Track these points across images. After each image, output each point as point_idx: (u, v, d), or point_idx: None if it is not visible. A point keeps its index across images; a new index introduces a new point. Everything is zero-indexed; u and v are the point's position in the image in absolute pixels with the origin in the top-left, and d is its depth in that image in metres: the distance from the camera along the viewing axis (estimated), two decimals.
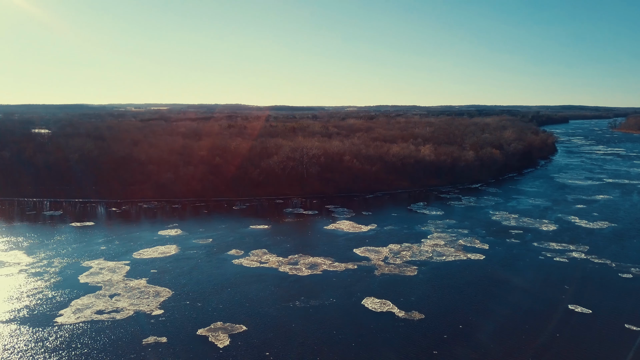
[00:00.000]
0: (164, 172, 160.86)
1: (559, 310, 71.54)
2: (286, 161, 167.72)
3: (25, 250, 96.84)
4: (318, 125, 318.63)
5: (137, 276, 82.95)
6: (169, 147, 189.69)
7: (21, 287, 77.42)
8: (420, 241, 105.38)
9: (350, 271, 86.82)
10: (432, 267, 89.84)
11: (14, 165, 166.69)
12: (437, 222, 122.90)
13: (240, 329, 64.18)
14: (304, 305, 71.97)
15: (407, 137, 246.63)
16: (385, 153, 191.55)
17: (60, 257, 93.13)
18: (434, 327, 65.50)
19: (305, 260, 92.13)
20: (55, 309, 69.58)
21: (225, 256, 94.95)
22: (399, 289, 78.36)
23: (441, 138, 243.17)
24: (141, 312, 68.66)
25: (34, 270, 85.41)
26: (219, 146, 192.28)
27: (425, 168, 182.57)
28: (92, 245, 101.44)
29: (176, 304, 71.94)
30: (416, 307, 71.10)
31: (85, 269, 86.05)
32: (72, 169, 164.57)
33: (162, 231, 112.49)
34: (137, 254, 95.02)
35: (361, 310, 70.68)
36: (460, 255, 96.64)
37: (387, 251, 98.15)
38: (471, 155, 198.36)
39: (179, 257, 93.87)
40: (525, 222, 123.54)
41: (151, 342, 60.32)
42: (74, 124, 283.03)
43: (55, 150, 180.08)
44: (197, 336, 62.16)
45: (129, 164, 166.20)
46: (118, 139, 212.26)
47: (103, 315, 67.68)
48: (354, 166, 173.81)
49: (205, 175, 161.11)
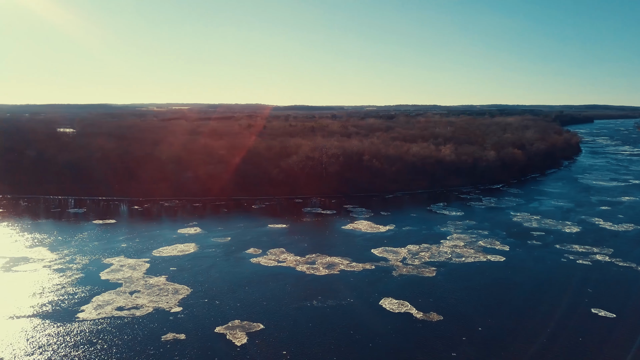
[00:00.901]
0: (184, 171, 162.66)
1: (581, 314, 70.07)
2: (305, 160, 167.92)
3: (49, 247, 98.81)
4: (337, 124, 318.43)
5: (156, 274, 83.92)
6: (190, 147, 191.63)
7: (45, 283, 79.01)
8: (439, 242, 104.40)
9: (368, 271, 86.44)
10: (451, 268, 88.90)
11: (38, 164, 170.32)
12: (457, 222, 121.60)
13: (258, 327, 64.41)
14: (321, 304, 71.90)
15: (427, 136, 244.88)
16: (404, 153, 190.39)
17: (82, 254, 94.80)
18: (452, 329, 64.76)
19: (323, 259, 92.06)
20: (77, 304, 70.81)
21: (243, 255, 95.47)
22: (417, 290, 77.71)
23: (462, 138, 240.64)
24: (160, 309, 69.42)
25: (57, 267, 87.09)
26: (239, 145, 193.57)
27: (445, 168, 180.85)
28: (114, 242, 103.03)
29: (194, 301, 72.56)
30: (434, 309, 70.41)
31: (106, 266, 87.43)
32: (95, 168, 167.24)
33: (181, 229, 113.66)
34: (156, 252, 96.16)
35: (379, 311, 70.29)
36: (480, 256, 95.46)
37: (406, 252, 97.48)
38: (492, 155, 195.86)
39: (197, 256, 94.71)
40: (548, 224, 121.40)
41: (170, 338, 60.92)
42: (96, 124, 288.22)
43: (79, 149, 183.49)
44: (215, 334, 62.58)
45: (150, 163, 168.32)
46: (139, 138, 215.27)
47: (123, 311, 68.62)
48: (373, 166, 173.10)
49: (225, 174, 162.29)
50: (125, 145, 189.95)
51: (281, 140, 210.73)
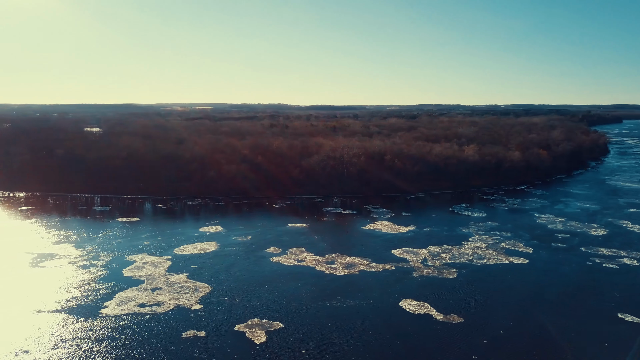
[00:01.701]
0: (207, 170, 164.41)
1: (607, 318, 68.46)
2: (326, 160, 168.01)
3: (75, 244, 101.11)
4: (359, 124, 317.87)
5: (178, 271, 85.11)
6: (213, 146, 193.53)
7: (70, 279, 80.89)
8: (461, 243, 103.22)
9: (388, 272, 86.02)
10: (472, 270, 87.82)
11: (67, 163, 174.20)
12: (479, 224, 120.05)
13: (277, 326, 64.72)
14: (340, 304, 71.85)
15: (450, 136, 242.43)
16: (427, 153, 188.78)
17: (106, 251, 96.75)
18: (473, 331, 63.98)
19: (342, 260, 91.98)
20: (100, 300, 72.31)
21: (263, 254, 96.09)
22: (438, 292, 77.02)
23: (485, 138, 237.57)
24: (181, 307, 70.36)
25: (82, 263, 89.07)
26: (261, 145, 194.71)
27: (468, 168, 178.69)
28: (137, 240, 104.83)
29: (215, 299, 73.32)
30: (455, 311, 69.67)
31: (129, 263, 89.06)
32: (121, 166, 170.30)
33: (203, 228, 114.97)
34: (178, 250, 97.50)
35: (398, 312, 69.92)
36: (502, 258, 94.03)
37: (426, 253, 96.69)
38: (517, 156, 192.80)
39: (218, 254, 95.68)
40: (573, 226, 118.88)
41: (190, 335, 61.69)
42: (123, 123, 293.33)
43: (105, 148, 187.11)
44: (234, 332, 63.11)
45: (174, 162, 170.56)
46: (164, 137, 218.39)
47: (145, 308, 69.78)
48: (394, 166, 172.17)
49: (248, 173, 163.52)
50: (150, 145, 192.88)
51: (302, 140, 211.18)
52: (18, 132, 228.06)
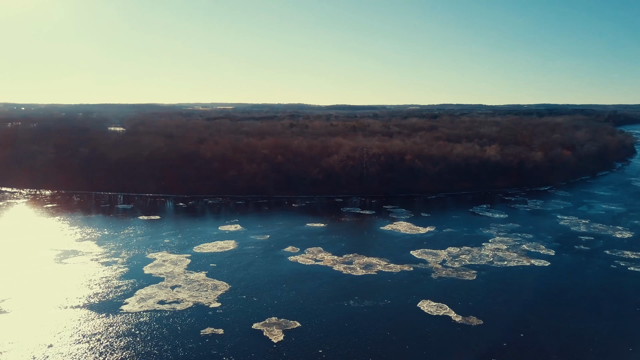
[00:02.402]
0: (228, 169, 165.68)
1: (632, 323, 66.89)
2: (346, 160, 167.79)
3: (97, 241, 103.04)
4: (379, 124, 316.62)
5: (197, 269, 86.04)
6: (234, 145, 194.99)
7: (92, 276, 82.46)
8: (481, 245, 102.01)
9: (406, 273, 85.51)
10: (492, 272, 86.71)
11: (91, 161, 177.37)
12: (500, 225, 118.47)
13: (294, 325, 64.92)
14: (358, 305, 71.70)
15: (471, 136, 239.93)
16: (448, 153, 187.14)
17: (128, 248, 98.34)
18: (492, 333, 63.19)
19: (360, 260, 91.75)
20: (121, 297, 73.55)
21: (281, 253, 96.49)
22: (457, 293, 76.26)
23: (508, 138, 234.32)
24: (200, 304, 71.10)
25: (103, 260, 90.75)
26: (281, 145, 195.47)
27: (490, 169, 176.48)
28: (157, 238, 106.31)
29: (233, 297, 73.90)
30: (474, 313, 68.90)
31: (149, 261, 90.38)
32: (143, 165, 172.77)
33: (222, 226, 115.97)
34: (197, 248, 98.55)
35: (416, 313, 69.47)
36: (523, 260, 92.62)
37: (446, 254, 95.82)
38: (540, 156, 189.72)
39: (237, 252, 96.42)
40: (597, 229, 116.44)
41: (209, 333, 62.31)
42: (145, 123, 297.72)
43: (128, 148, 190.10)
44: (252, 330, 63.52)
45: (195, 161, 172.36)
46: (186, 137, 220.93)
47: (164, 305, 70.71)
48: (415, 166, 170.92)
49: (268, 173, 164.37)
50: (172, 144, 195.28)
51: (322, 139, 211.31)
52: (44, 132, 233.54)
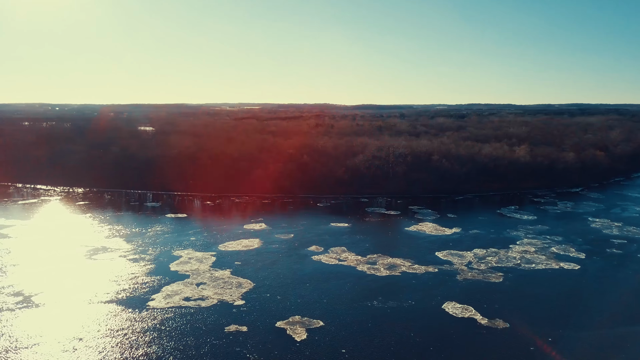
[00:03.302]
0: (254, 168, 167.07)
1: None
2: (372, 160, 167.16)
3: (126, 238, 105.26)
4: (405, 123, 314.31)
5: (222, 267, 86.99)
6: (260, 145, 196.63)
7: (120, 272, 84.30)
8: (508, 247, 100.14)
9: (431, 274, 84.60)
10: (519, 274, 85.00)
11: (121, 160, 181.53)
12: (528, 227, 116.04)
13: (317, 324, 64.97)
14: (382, 305, 71.30)
15: (500, 136, 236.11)
16: (476, 153, 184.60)
17: (155, 245, 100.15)
18: (519, 337, 61.97)
19: (384, 260, 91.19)
20: (148, 293, 74.94)
21: (305, 252, 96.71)
22: (483, 296, 75.03)
23: (538, 138, 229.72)
24: (224, 302, 71.87)
25: (131, 257, 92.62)
26: (307, 145, 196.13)
27: (519, 170, 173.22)
28: (184, 235, 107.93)
29: (257, 295, 74.46)
30: (500, 315, 67.68)
31: (175, 258, 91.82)
32: (172, 164, 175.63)
33: (247, 225, 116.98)
34: (222, 246, 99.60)
35: (441, 315, 68.66)
36: (552, 263, 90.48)
37: (472, 256, 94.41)
38: (571, 157, 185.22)
39: (261, 251, 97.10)
40: (630, 232, 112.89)
41: (233, 330, 62.92)
42: (173, 122, 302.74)
43: (157, 147, 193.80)
44: (275, 328, 63.84)
45: (222, 160, 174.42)
46: (213, 136, 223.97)
47: (190, 302, 71.73)
48: (442, 166, 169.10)
49: (293, 172, 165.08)
50: (200, 143, 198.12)
51: (348, 139, 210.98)
52: (77, 131, 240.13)
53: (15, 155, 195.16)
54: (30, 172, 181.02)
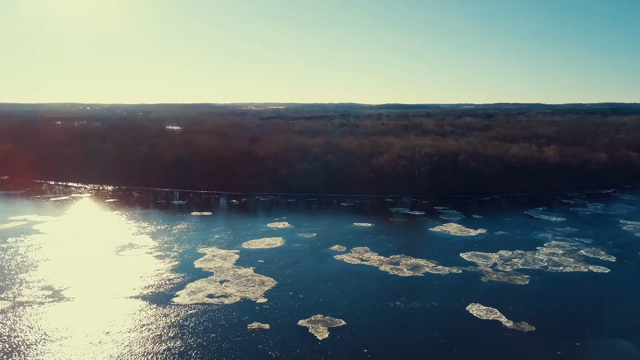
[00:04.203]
0: (280, 167, 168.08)
1: None
2: (397, 160, 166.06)
3: (152, 235, 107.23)
4: (431, 123, 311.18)
5: (245, 265, 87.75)
6: (285, 144, 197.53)
7: (146, 268, 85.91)
8: (535, 249, 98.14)
9: (455, 275, 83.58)
10: (546, 277, 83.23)
11: (149, 159, 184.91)
12: (557, 229, 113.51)
13: (340, 323, 64.91)
14: (404, 306, 70.79)
15: (528, 136, 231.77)
16: (504, 153, 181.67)
17: (180, 243, 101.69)
18: (545, 341, 60.66)
19: (407, 261, 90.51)
20: (173, 290, 76.15)
21: (328, 251, 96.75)
22: (508, 298, 73.72)
23: (568, 138, 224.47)
24: (247, 299, 72.48)
25: (157, 254, 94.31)
26: (331, 144, 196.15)
27: (548, 170, 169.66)
28: (208, 233, 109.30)
29: (279, 293, 74.83)
30: (526, 318, 66.36)
31: (200, 255, 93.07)
32: (198, 163, 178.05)
33: (271, 224, 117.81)
34: (246, 244, 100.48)
35: (465, 316, 67.76)
36: (581, 266, 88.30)
37: (497, 257, 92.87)
38: (603, 158, 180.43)
39: (284, 250, 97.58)
40: None
41: (255, 327, 63.38)
42: (200, 122, 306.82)
43: (184, 146, 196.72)
44: (297, 326, 64.05)
45: (248, 160, 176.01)
46: (239, 136, 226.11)
47: (213, 299, 72.59)
48: (469, 166, 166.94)
49: (318, 171, 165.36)
50: (226, 143, 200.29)
51: (373, 139, 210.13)
52: (107, 130, 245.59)
53: (48, 153, 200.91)
54: (62, 170, 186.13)
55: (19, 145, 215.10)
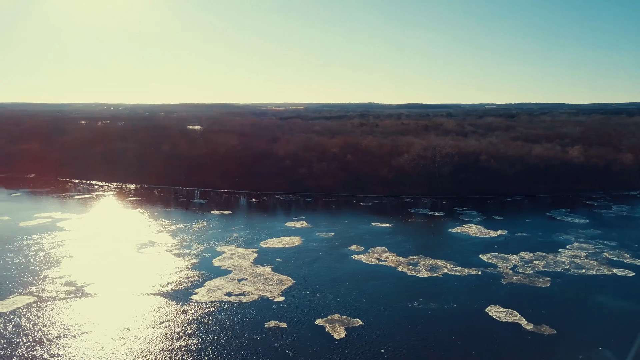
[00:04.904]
0: (299, 167, 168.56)
1: None
2: (417, 160, 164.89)
3: (172, 233, 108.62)
4: (452, 123, 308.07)
5: (263, 263, 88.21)
6: (304, 144, 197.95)
7: (166, 266, 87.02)
8: (557, 251, 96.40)
9: (474, 277, 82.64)
10: (568, 280, 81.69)
11: (171, 158, 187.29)
12: (580, 231, 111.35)
13: (357, 323, 64.78)
14: (422, 307, 70.28)
15: (552, 137, 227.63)
16: (526, 153, 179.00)
17: (199, 241, 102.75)
18: (567, 344, 59.58)
19: (426, 262, 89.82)
20: (191, 287, 77.00)
21: (345, 251, 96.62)
22: (528, 300, 72.58)
23: (593, 139, 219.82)
24: (265, 298, 72.85)
25: (176, 251, 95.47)
26: (351, 144, 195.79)
27: (572, 171, 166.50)
28: (227, 232, 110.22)
29: (297, 292, 75.03)
30: (547, 321, 65.22)
31: (218, 254, 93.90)
32: (219, 162, 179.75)
33: (289, 223, 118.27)
34: (264, 243, 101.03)
35: (484, 318, 66.94)
36: (604, 269, 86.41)
37: (517, 259, 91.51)
38: (629, 158, 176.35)
39: (301, 249, 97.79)
40: None
41: (272, 326, 63.67)
42: (221, 122, 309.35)
43: (205, 145, 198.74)
44: (315, 325, 64.10)
45: (268, 159, 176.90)
46: (259, 135, 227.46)
47: (231, 297, 73.16)
48: (490, 167, 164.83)
49: (337, 171, 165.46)
50: (246, 142, 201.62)
51: (393, 138, 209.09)
52: (130, 130, 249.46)
53: (73, 152, 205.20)
54: (86, 168, 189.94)
55: (45, 144, 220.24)
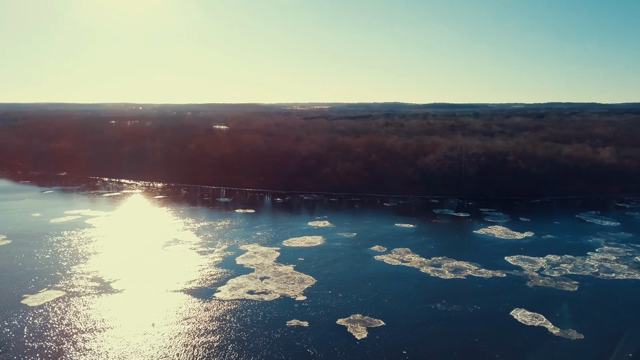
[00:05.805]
0: (323, 166, 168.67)
1: None
2: (443, 160, 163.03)
3: (197, 231, 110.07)
4: (479, 123, 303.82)
5: (285, 262, 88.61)
6: (329, 144, 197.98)
7: (190, 263, 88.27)
8: (586, 254, 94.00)
9: (499, 279, 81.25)
10: (596, 283, 79.57)
11: (197, 157, 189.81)
12: (610, 234, 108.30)
13: (378, 323, 64.48)
14: (445, 308, 69.47)
15: (582, 137, 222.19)
16: (555, 154, 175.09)
17: (223, 239, 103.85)
18: (595, 350, 58.07)
19: (449, 263, 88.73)
20: (215, 285, 77.90)
21: (367, 251, 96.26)
22: (555, 304, 71.01)
23: (625, 139, 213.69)
24: (287, 296, 73.15)
25: (201, 249, 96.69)
26: (375, 144, 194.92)
27: (603, 172, 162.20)
28: (251, 230, 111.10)
29: (319, 292, 75.09)
30: (574, 326, 63.70)
31: (242, 252, 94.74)
32: (244, 161, 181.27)
33: (312, 222, 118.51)
34: (286, 242, 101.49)
35: (508, 321, 65.78)
36: (635, 274, 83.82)
37: (544, 262, 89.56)
38: None
39: (324, 248, 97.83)
40: None
41: (294, 324, 63.90)
42: (246, 122, 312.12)
43: (231, 145, 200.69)
44: (336, 325, 64.05)
45: (292, 159, 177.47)
46: (284, 135, 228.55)
47: (254, 295, 73.72)
48: (518, 167, 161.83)
49: (361, 171, 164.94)
50: (271, 142, 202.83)
51: (418, 138, 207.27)
52: (158, 129, 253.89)
53: (103, 151, 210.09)
54: (116, 167, 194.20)
55: (76, 144, 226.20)
